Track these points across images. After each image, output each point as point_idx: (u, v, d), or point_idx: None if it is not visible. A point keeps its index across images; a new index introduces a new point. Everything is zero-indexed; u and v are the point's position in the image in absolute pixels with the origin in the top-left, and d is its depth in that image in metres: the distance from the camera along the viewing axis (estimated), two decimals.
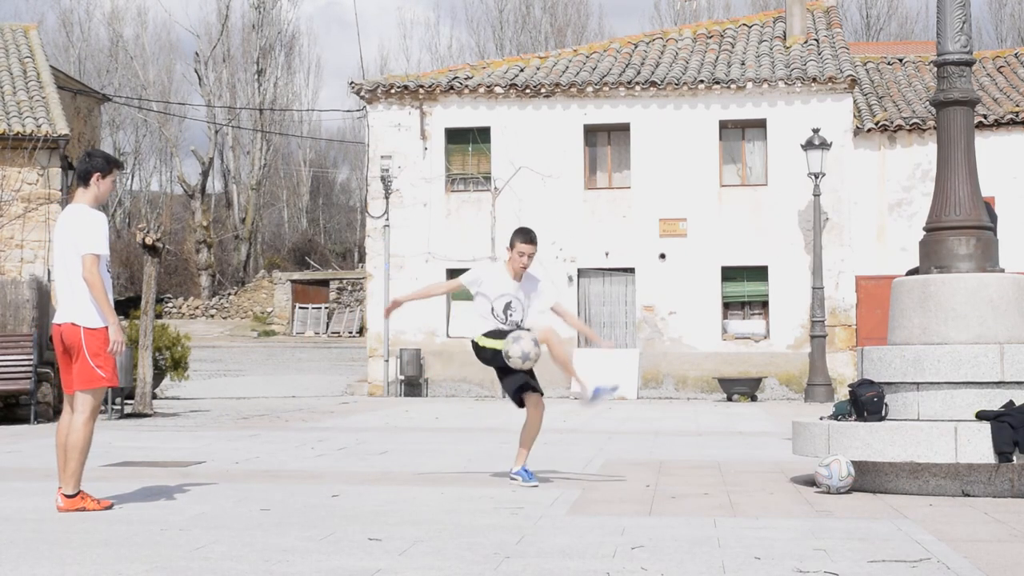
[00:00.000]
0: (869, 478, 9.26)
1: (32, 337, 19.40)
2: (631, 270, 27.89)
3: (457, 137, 28.62)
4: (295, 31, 77.11)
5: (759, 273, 27.53)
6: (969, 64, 10.19)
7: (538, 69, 29.33)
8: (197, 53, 67.02)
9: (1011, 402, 9.06)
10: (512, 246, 9.87)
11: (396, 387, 28.05)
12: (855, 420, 9.41)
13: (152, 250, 20.84)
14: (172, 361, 25.22)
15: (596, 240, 27.84)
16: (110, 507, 8.23)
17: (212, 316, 59.16)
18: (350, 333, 52.87)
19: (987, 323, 9.49)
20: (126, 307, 45.03)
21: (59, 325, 8.31)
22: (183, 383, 26.55)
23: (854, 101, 28.12)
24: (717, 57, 29.31)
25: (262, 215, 71.75)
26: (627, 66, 29.12)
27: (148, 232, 20.97)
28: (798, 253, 27.16)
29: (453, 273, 28.40)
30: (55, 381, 20.57)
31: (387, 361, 28.16)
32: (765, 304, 27.57)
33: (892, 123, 27.60)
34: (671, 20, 66.29)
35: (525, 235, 9.85)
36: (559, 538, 6.98)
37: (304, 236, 73.29)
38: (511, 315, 9.78)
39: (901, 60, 31.79)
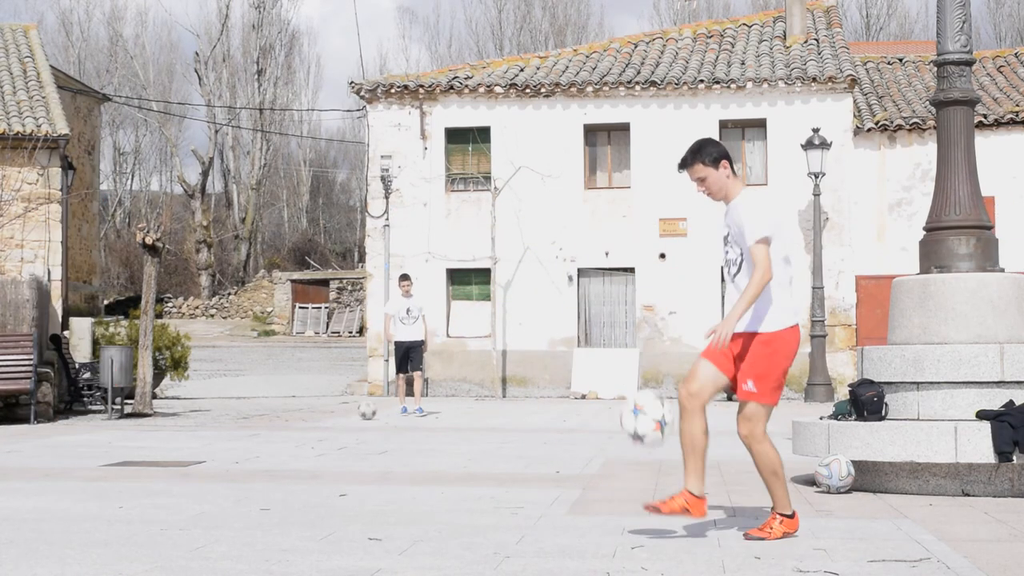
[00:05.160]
0: (869, 478, 9.25)
1: (32, 337, 19.39)
2: (631, 270, 27.89)
3: (457, 137, 28.62)
4: (295, 31, 77.10)
5: None
6: (969, 64, 10.19)
7: (538, 69, 29.33)
8: (197, 53, 67.04)
9: (1011, 402, 9.06)
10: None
11: (396, 387, 28.00)
12: (855, 420, 9.41)
13: (152, 250, 20.84)
14: (172, 361, 25.22)
15: (596, 240, 27.84)
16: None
17: (212, 316, 59.15)
18: (350, 333, 52.87)
19: (987, 323, 9.49)
20: (126, 307, 45.04)
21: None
22: (183, 383, 26.55)
23: (854, 101, 28.12)
24: (717, 57, 29.30)
25: (262, 215, 71.76)
26: (627, 66, 29.12)
27: (148, 232, 20.97)
28: (798, 253, 27.14)
29: (453, 273, 28.41)
30: (55, 381, 20.60)
31: (387, 361, 28.12)
32: None
33: (892, 123, 27.60)
34: (671, 20, 66.32)
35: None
36: (559, 538, 6.97)
37: (304, 236, 73.29)
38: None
39: (901, 60, 31.79)
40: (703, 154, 7.15)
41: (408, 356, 20.06)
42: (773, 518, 6.88)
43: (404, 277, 20.51)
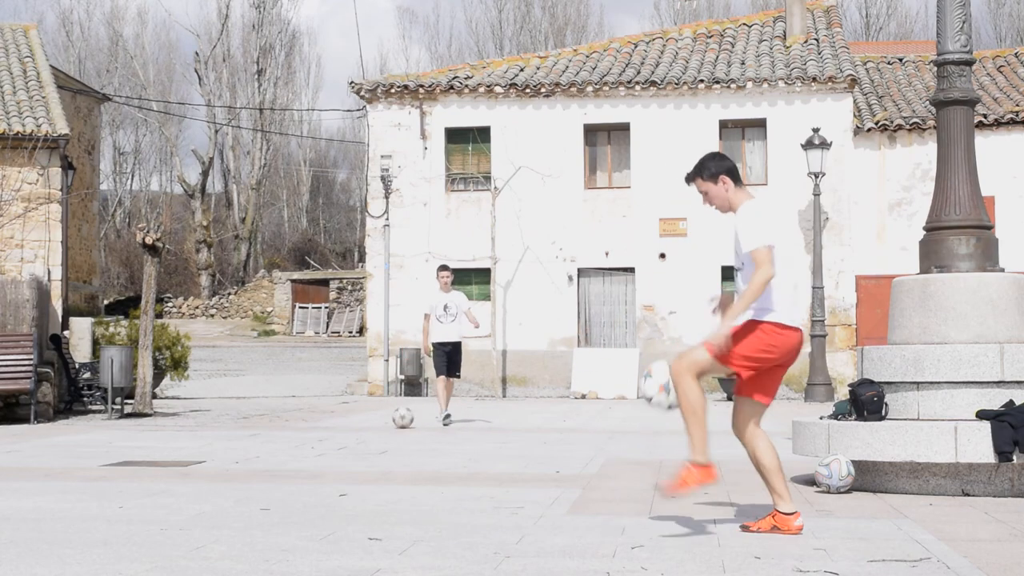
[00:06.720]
0: (869, 478, 9.25)
1: (32, 337, 19.39)
2: (631, 270, 27.89)
3: (457, 137, 28.62)
4: (295, 31, 77.06)
5: None
6: (969, 63, 10.19)
7: (538, 69, 29.32)
8: (197, 53, 67.02)
9: (1011, 402, 9.06)
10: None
11: (396, 387, 28.04)
12: (855, 420, 9.41)
13: (152, 250, 20.84)
14: (172, 361, 25.22)
15: (596, 240, 27.83)
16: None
17: (212, 316, 59.15)
18: (350, 333, 52.86)
19: (987, 323, 9.49)
20: (126, 307, 45.03)
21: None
22: (183, 383, 26.54)
23: (854, 101, 28.12)
24: (717, 57, 29.30)
25: (262, 215, 71.74)
26: (627, 66, 29.11)
27: (148, 232, 20.97)
28: (799, 256, 27.14)
29: (453, 273, 28.35)
30: (55, 381, 20.60)
31: (387, 361, 28.15)
32: None
33: (892, 123, 27.59)
34: (671, 20, 66.31)
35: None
36: (559, 538, 6.98)
37: (304, 236, 73.28)
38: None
39: (901, 60, 31.79)
40: (703, 170, 7.34)
41: (451, 358, 17.73)
42: (686, 470, 6.98)
43: (443, 268, 18.18)
